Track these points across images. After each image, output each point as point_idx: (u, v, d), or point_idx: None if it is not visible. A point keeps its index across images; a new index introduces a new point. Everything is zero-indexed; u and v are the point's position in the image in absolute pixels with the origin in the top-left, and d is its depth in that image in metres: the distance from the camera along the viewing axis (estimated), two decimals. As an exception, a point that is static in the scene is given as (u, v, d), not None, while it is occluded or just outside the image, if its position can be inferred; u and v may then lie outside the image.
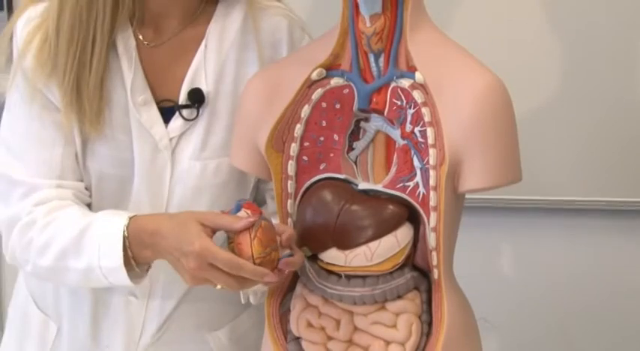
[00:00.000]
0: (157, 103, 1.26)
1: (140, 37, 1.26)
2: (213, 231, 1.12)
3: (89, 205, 1.28)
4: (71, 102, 1.22)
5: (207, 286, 1.28)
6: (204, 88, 1.26)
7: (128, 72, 1.25)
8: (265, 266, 1.09)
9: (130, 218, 1.18)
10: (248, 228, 1.09)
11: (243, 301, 1.20)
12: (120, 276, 1.18)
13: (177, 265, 1.13)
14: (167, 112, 1.26)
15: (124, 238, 1.16)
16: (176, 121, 1.26)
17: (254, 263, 1.08)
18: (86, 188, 1.28)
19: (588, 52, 1.81)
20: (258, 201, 1.35)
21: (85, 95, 1.22)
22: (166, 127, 1.26)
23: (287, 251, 1.12)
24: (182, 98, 1.26)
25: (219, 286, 1.12)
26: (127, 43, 1.25)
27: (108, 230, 1.18)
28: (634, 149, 1.82)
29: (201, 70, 1.27)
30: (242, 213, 1.11)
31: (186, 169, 1.26)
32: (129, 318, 1.32)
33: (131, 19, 1.25)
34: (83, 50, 1.21)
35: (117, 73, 1.25)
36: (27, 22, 1.25)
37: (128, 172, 1.26)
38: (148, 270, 1.22)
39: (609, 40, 1.80)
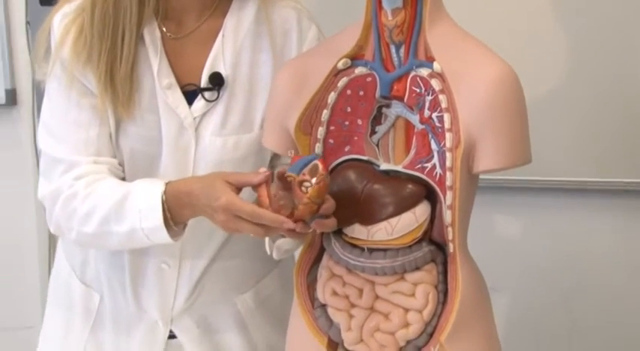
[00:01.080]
0: (182, 87, 1.32)
1: (164, 29, 1.32)
2: (238, 188, 1.18)
3: (123, 180, 1.33)
4: (105, 88, 1.28)
5: (229, 255, 1.35)
6: (223, 73, 1.31)
7: (154, 60, 1.30)
8: (304, 213, 1.12)
9: (167, 184, 1.24)
10: (265, 182, 1.15)
11: (268, 253, 1.25)
12: (161, 234, 1.24)
13: (213, 219, 1.20)
14: (190, 96, 1.32)
15: (163, 201, 1.22)
16: (199, 102, 1.32)
17: (294, 212, 1.12)
18: (119, 164, 1.33)
19: (593, 42, 1.81)
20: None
21: (118, 82, 1.28)
22: (190, 107, 1.31)
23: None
24: (204, 82, 1.31)
25: (251, 235, 1.17)
26: (152, 35, 1.31)
27: (147, 195, 1.24)
28: (636, 133, 1.83)
29: (220, 57, 1.32)
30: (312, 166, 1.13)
31: (208, 144, 1.31)
32: (162, 285, 1.37)
33: (156, 14, 1.31)
34: (114, 43, 1.27)
35: (145, 62, 1.31)
36: (63, 17, 1.31)
37: (156, 149, 1.32)
38: (184, 228, 1.27)
39: (613, 28, 1.80)
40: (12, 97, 2.11)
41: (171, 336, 1.41)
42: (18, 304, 2.25)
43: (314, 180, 1.11)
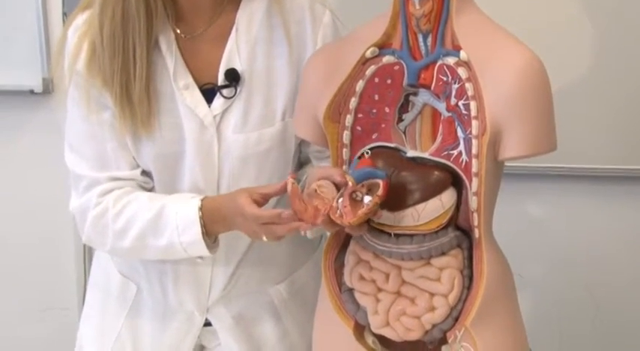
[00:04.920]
0: (200, 87, 1.30)
1: (178, 31, 1.30)
2: (262, 200, 1.20)
3: (150, 190, 1.34)
4: (123, 109, 1.27)
5: (264, 247, 1.34)
6: (239, 68, 1.29)
7: (170, 62, 1.28)
8: (337, 220, 1.12)
9: (202, 200, 1.26)
10: (284, 191, 1.17)
11: (302, 233, 1.26)
12: (199, 247, 1.27)
13: (240, 228, 1.23)
14: (209, 94, 1.30)
15: (200, 216, 1.25)
16: (218, 100, 1.30)
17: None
18: (144, 172, 1.33)
19: (623, 24, 1.79)
20: (302, 161, 1.39)
21: (135, 101, 1.26)
22: (210, 106, 1.30)
23: None
24: (220, 79, 1.29)
25: (264, 239, 1.20)
26: (167, 39, 1.28)
27: (184, 211, 1.26)
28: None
29: (235, 52, 1.29)
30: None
31: (230, 142, 1.30)
32: (197, 278, 1.38)
33: (168, 18, 1.28)
34: (125, 61, 1.25)
35: (162, 68, 1.29)
36: (75, 31, 1.29)
37: (180, 148, 1.31)
38: (215, 240, 1.29)
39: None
40: (49, 86, 2.13)
41: (207, 323, 1.42)
42: (56, 287, 2.28)
43: (366, 199, 1.10)
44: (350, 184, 1.11)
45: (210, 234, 1.27)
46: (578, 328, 2.00)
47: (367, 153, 1.20)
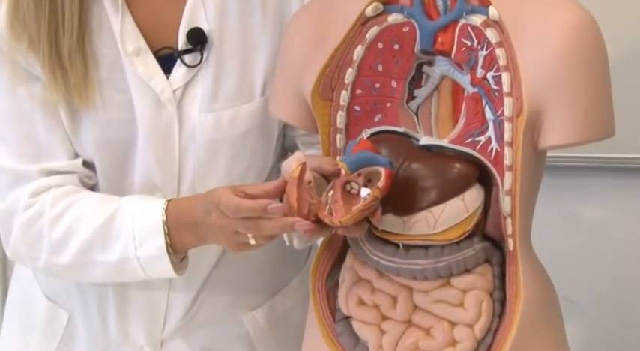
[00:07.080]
0: (155, 53, 1.29)
1: None
2: (248, 197, 1.16)
3: (93, 187, 1.34)
4: (53, 72, 1.25)
5: (238, 259, 1.33)
6: (206, 27, 1.29)
7: (115, 20, 1.27)
8: (327, 221, 1.10)
9: (168, 201, 1.25)
10: (279, 193, 1.14)
11: (287, 243, 1.25)
12: (160, 265, 1.25)
13: (214, 236, 1.21)
14: (167, 61, 1.30)
15: (164, 222, 1.23)
16: (178, 70, 1.30)
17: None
18: (86, 163, 1.32)
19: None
20: (287, 148, 1.40)
21: (66, 60, 1.25)
22: (168, 78, 1.29)
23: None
24: (181, 42, 1.29)
25: (252, 241, 1.17)
26: None
27: (143, 215, 1.25)
28: None
29: (200, 7, 1.29)
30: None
31: (196, 123, 1.30)
32: (149, 302, 1.38)
33: None
34: (54, 9, 1.23)
35: (105, 28, 1.28)
36: None
37: (130, 133, 1.30)
38: (182, 260, 1.28)
39: None
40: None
41: None
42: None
43: (363, 193, 1.09)
44: (343, 172, 1.10)
45: (176, 247, 1.25)
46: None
47: (366, 132, 1.19)
